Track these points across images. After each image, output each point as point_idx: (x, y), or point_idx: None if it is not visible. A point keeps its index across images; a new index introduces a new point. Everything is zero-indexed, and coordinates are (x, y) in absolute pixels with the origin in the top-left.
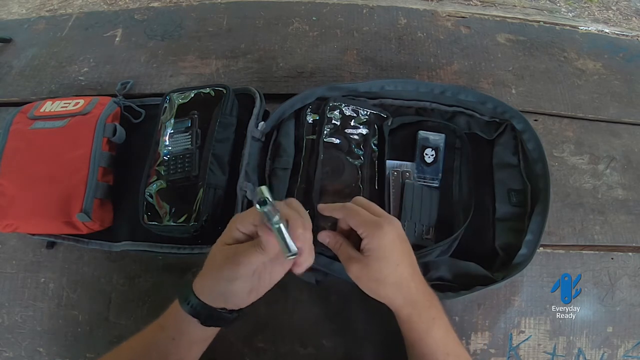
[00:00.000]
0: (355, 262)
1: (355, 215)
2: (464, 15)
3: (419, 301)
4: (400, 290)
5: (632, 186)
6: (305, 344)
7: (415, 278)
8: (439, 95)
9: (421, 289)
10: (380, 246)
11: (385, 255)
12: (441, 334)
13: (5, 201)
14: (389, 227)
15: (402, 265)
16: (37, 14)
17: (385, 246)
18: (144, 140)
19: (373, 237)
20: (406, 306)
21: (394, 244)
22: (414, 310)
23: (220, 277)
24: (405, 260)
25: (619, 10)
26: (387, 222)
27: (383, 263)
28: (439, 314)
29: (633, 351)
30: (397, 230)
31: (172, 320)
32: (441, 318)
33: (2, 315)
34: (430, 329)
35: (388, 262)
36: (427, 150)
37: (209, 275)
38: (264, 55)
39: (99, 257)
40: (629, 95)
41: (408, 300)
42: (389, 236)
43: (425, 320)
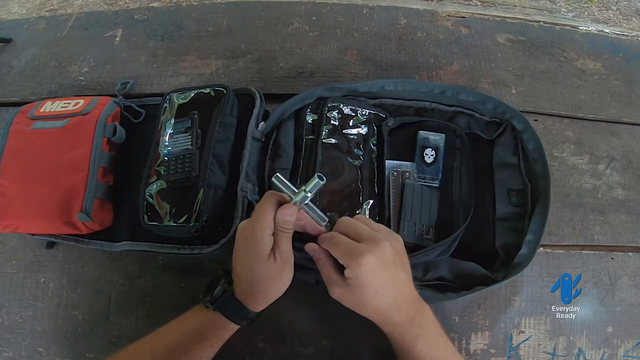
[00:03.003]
0: (337, 286)
1: (334, 246)
2: (464, 15)
3: (400, 323)
4: (379, 315)
5: (632, 186)
6: (305, 344)
7: (399, 300)
8: (439, 95)
9: (404, 311)
10: (359, 276)
11: (364, 284)
12: (427, 349)
13: (5, 201)
14: (370, 256)
15: (381, 292)
16: (37, 14)
17: (364, 276)
18: (144, 141)
19: (353, 269)
20: (386, 326)
21: (374, 273)
22: (395, 330)
23: (277, 290)
24: (386, 288)
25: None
26: (368, 251)
27: (362, 291)
28: (424, 331)
29: (633, 351)
30: (381, 256)
31: (217, 333)
32: (427, 334)
33: (2, 315)
34: (414, 346)
35: (366, 290)
36: (427, 150)
37: (261, 290)
38: (264, 55)
39: (99, 257)
40: (629, 95)
41: (388, 322)
42: (369, 266)
43: (407, 338)
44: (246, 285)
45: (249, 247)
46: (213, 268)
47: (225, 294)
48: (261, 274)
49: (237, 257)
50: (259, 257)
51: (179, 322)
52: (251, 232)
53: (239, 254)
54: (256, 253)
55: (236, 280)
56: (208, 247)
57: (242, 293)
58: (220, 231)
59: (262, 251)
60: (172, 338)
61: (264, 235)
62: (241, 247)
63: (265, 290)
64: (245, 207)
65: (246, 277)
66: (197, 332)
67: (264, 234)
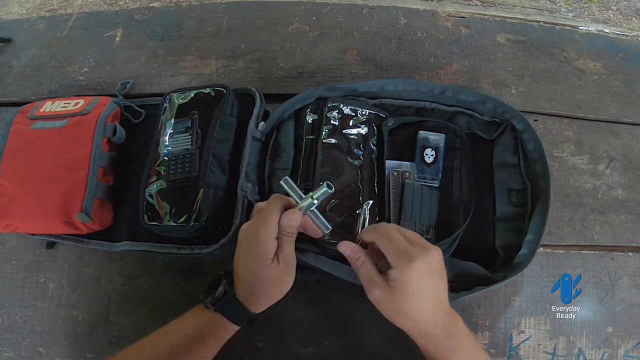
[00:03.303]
0: (378, 287)
1: (388, 240)
2: (464, 15)
3: (436, 334)
4: (418, 325)
5: (632, 186)
6: (305, 344)
7: (437, 311)
8: (439, 95)
9: (440, 322)
10: (408, 280)
11: (412, 290)
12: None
13: (5, 201)
14: (421, 262)
15: (426, 299)
16: (37, 14)
17: (414, 281)
18: (144, 140)
19: (402, 270)
20: (421, 337)
21: (423, 279)
22: (429, 342)
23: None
24: (431, 295)
25: (619, 10)
26: (419, 256)
27: (407, 297)
28: (459, 343)
29: (633, 351)
30: (430, 264)
31: (218, 334)
32: (462, 346)
33: (2, 315)
34: (449, 358)
35: (413, 296)
36: (427, 150)
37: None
38: (264, 55)
39: (99, 257)
40: (629, 95)
41: (424, 332)
42: (419, 271)
43: (442, 351)
44: (248, 287)
45: (253, 250)
46: (213, 268)
47: (226, 295)
48: (264, 277)
49: (239, 259)
50: (262, 260)
51: (180, 322)
52: (255, 235)
53: (242, 256)
54: (259, 256)
55: (237, 282)
56: (208, 247)
57: (244, 294)
58: (220, 231)
59: (266, 254)
60: (173, 339)
61: (268, 239)
62: (244, 250)
63: (267, 292)
64: (245, 207)
65: (248, 279)
66: (198, 333)
67: (268, 237)
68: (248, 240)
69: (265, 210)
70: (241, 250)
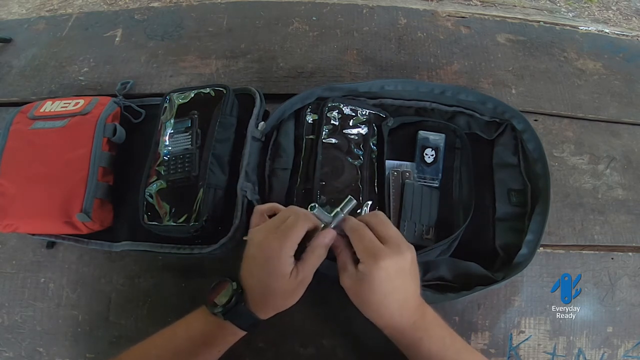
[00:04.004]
0: (349, 276)
1: (358, 239)
2: (464, 15)
3: (402, 327)
4: (382, 317)
5: (632, 186)
6: (305, 344)
7: (403, 307)
8: (439, 95)
9: (407, 316)
10: (372, 278)
11: (375, 287)
12: (434, 349)
13: (5, 201)
14: (387, 261)
15: (389, 298)
16: (37, 14)
17: (378, 279)
18: (144, 140)
19: (369, 267)
20: (387, 328)
21: (388, 279)
22: (396, 333)
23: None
24: (397, 293)
25: (619, 10)
26: (387, 255)
27: (371, 291)
28: (427, 333)
29: (633, 351)
30: (399, 264)
31: (226, 339)
32: (430, 336)
33: (2, 315)
34: (418, 347)
35: (376, 292)
36: (427, 150)
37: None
38: (264, 55)
39: (99, 257)
40: (629, 95)
41: (389, 325)
42: (385, 271)
43: (410, 341)
44: (259, 298)
45: (271, 265)
46: (213, 268)
47: (238, 306)
48: (277, 291)
49: (252, 270)
50: (279, 276)
51: (185, 325)
52: (277, 252)
53: (256, 270)
54: (277, 272)
55: (247, 291)
56: (208, 247)
57: (253, 304)
58: (220, 231)
59: (285, 271)
60: (178, 342)
61: (289, 256)
62: (259, 263)
63: (277, 304)
64: (245, 206)
65: (260, 290)
66: (205, 338)
67: (289, 254)
68: (266, 255)
69: (291, 230)
70: (255, 263)
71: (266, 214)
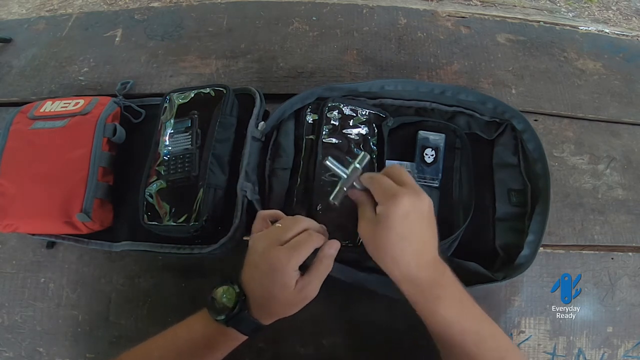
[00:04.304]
0: (366, 221)
1: (376, 183)
2: (464, 15)
3: (419, 280)
4: (398, 265)
5: (632, 186)
6: (305, 344)
7: (421, 256)
8: (439, 95)
9: (424, 267)
10: (389, 215)
11: (393, 226)
12: (452, 312)
13: (5, 201)
14: (405, 199)
15: (407, 241)
16: (37, 14)
17: (395, 217)
18: (144, 140)
19: (385, 205)
20: (404, 282)
21: (405, 218)
22: (413, 288)
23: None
24: (413, 237)
25: (619, 10)
26: (405, 194)
27: (388, 232)
28: (445, 292)
29: (633, 351)
30: (417, 206)
31: (229, 343)
32: (448, 296)
33: (2, 315)
34: (437, 308)
35: (393, 233)
36: (427, 150)
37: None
38: (264, 55)
39: (99, 257)
40: (629, 95)
41: (406, 276)
42: (402, 208)
43: (428, 299)
44: (262, 305)
45: (276, 277)
46: (213, 268)
47: (242, 313)
48: (281, 301)
49: (254, 279)
50: (285, 287)
51: (187, 328)
52: (283, 265)
53: (259, 278)
54: (282, 284)
55: (250, 297)
56: (208, 246)
57: (256, 310)
58: (220, 231)
59: (290, 283)
60: (181, 345)
61: (294, 270)
62: (264, 273)
63: (280, 312)
64: (245, 206)
65: (264, 299)
66: (207, 342)
67: (293, 268)
68: (271, 266)
69: (302, 245)
70: (258, 271)
71: (269, 219)
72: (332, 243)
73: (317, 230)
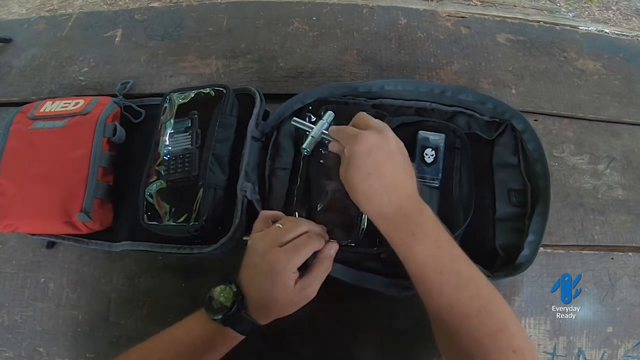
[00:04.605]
0: (342, 166)
1: (341, 131)
2: (464, 15)
3: (393, 215)
4: (370, 202)
5: (632, 186)
6: (306, 344)
7: (393, 192)
8: (439, 95)
9: (396, 203)
10: (351, 154)
11: (356, 164)
12: (428, 251)
13: (5, 201)
14: (366, 137)
15: (373, 176)
16: (37, 14)
17: (356, 155)
18: (144, 140)
19: (348, 146)
20: (378, 219)
21: (368, 154)
22: (386, 224)
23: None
24: (381, 172)
25: (619, 10)
26: (366, 133)
27: (353, 171)
28: (421, 229)
29: (633, 351)
30: (379, 142)
31: (227, 343)
32: (424, 233)
33: (2, 315)
34: (411, 245)
35: (358, 170)
36: (427, 150)
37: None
38: (264, 55)
39: (99, 257)
40: (629, 95)
41: (379, 212)
42: (364, 145)
43: (403, 235)
44: (260, 306)
45: (275, 278)
46: (213, 268)
47: (240, 313)
48: (280, 301)
49: (253, 280)
50: (284, 288)
51: (185, 329)
52: (283, 266)
53: (258, 279)
54: (281, 285)
55: (248, 298)
56: (208, 246)
57: (254, 310)
58: (219, 231)
59: (289, 284)
60: (181, 347)
61: (292, 272)
62: (263, 273)
63: (279, 312)
64: (245, 206)
65: (262, 299)
66: (206, 342)
67: (292, 270)
68: (271, 267)
69: (303, 247)
70: (258, 272)
71: (270, 220)
72: (332, 245)
73: (317, 232)
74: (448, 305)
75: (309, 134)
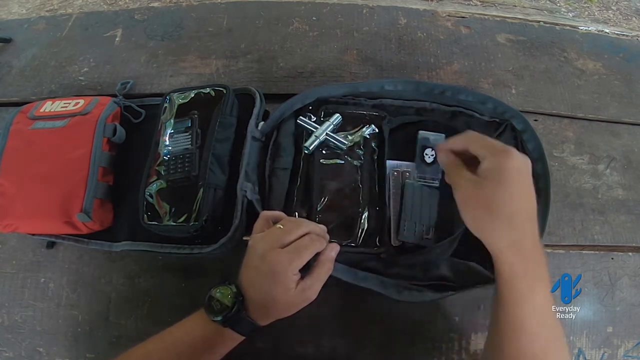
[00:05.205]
0: (466, 182)
1: (479, 139)
2: (464, 15)
3: (529, 251)
4: (510, 228)
5: (632, 186)
6: (305, 344)
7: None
8: (439, 95)
9: (534, 238)
10: (501, 168)
11: (504, 180)
12: (542, 302)
13: (5, 201)
14: (517, 155)
15: (520, 198)
16: (37, 14)
17: (507, 170)
18: (144, 140)
19: (495, 158)
20: (511, 251)
21: (519, 173)
22: (520, 260)
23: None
24: (525, 196)
25: (619, 10)
26: (516, 151)
27: (499, 187)
28: (546, 276)
29: (633, 351)
30: (527, 163)
31: (227, 344)
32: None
33: (2, 315)
34: (533, 291)
35: (505, 188)
36: (427, 150)
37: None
38: (264, 55)
39: (99, 257)
40: (629, 95)
41: (516, 243)
42: (515, 162)
43: (531, 277)
44: (260, 307)
45: (277, 279)
46: (213, 268)
47: (240, 314)
48: (280, 302)
49: (253, 281)
50: (285, 290)
51: (184, 329)
52: (284, 267)
53: (259, 280)
54: (282, 286)
55: (248, 299)
56: (208, 246)
57: (254, 311)
58: (219, 231)
59: (290, 286)
60: (181, 347)
61: (294, 274)
62: (264, 275)
63: (279, 313)
64: (245, 206)
65: (262, 300)
66: (206, 343)
67: (294, 272)
68: (272, 268)
69: (305, 249)
70: (258, 273)
71: (271, 220)
72: (333, 246)
73: (319, 233)
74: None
75: (313, 134)
